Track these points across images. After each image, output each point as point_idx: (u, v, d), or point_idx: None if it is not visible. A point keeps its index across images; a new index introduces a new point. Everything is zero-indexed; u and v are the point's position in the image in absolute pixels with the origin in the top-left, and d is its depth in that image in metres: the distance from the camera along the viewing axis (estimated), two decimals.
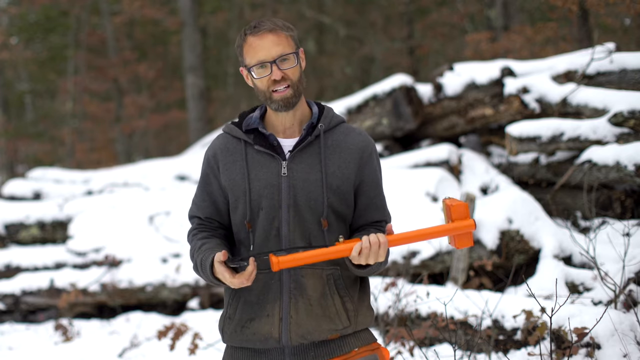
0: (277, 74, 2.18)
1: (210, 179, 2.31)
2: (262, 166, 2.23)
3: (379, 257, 2.09)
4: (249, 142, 2.27)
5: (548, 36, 10.93)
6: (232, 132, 2.30)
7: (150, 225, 7.74)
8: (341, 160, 2.24)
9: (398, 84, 7.19)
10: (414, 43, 16.37)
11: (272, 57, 2.18)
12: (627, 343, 3.59)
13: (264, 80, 2.20)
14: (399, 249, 5.54)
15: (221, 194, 2.29)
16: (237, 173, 2.25)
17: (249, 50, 2.21)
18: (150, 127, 18.29)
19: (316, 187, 2.20)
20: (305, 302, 2.19)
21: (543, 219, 5.39)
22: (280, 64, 2.19)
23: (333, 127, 2.29)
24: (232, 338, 2.27)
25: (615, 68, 5.99)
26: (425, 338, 4.56)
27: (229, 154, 2.28)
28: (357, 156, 2.26)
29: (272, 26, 2.20)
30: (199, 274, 2.24)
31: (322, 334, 2.20)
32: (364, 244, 2.08)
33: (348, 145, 2.26)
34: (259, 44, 2.18)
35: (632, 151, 5.14)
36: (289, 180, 2.21)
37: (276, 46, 2.18)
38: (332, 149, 2.25)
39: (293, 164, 2.22)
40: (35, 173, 9.88)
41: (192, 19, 14.50)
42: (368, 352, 2.27)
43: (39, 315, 7.62)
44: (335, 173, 2.22)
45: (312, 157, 2.23)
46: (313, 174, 2.21)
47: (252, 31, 2.21)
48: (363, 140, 2.29)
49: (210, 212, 2.31)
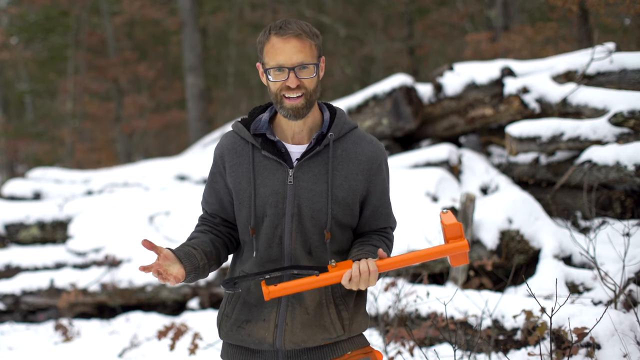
0: (294, 82, 2.12)
1: (217, 178, 2.30)
2: (269, 172, 2.21)
3: (370, 284, 2.08)
4: (256, 147, 2.23)
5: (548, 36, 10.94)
6: (241, 132, 2.26)
7: (150, 225, 7.74)
8: (349, 172, 2.20)
9: (398, 84, 7.19)
10: (414, 43, 16.37)
11: (292, 64, 2.11)
12: (627, 343, 3.59)
13: (278, 84, 2.15)
14: (399, 249, 5.54)
15: (227, 192, 2.28)
16: (243, 177, 2.23)
17: (270, 51, 2.14)
18: (150, 127, 18.30)
19: (321, 199, 2.17)
20: (302, 311, 2.19)
21: (543, 219, 5.39)
22: (299, 72, 2.13)
23: (344, 135, 2.24)
24: (228, 336, 2.28)
25: (615, 68, 5.99)
26: (425, 338, 4.56)
27: (236, 155, 2.25)
28: (367, 167, 2.22)
29: (298, 31, 2.12)
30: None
31: (315, 342, 2.21)
32: (353, 273, 2.07)
33: (357, 155, 2.22)
34: (282, 47, 2.11)
35: (632, 151, 5.14)
36: (294, 190, 2.18)
37: (298, 53, 2.11)
38: (341, 159, 2.21)
39: (300, 173, 2.19)
40: (35, 173, 9.88)
41: (192, 19, 14.50)
42: (361, 356, 2.27)
43: (39, 315, 7.62)
44: (342, 185, 2.19)
45: (319, 167, 2.20)
46: (319, 185, 2.18)
47: (277, 31, 2.13)
48: (373, 151, 2.24)
49: (215, 209, 2.31)
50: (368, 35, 17.57)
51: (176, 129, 19.90)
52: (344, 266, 2.12)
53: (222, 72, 19.06)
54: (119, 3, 17.61)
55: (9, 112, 20.22)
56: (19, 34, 18.67)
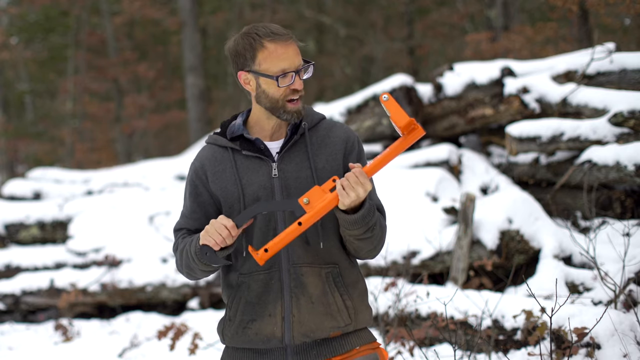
0: (300, 84, 2.19)
1: (200, 190, 2.29)
2: (253, 170, 2.24)
3: (365, 186, 2.06)
4: (236, 149, 2.26)
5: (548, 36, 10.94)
6: (217, 141, 2.29)
7: (150, 225, 7.74)
8: (328, 154, 2.26)
9: (398, 84, 7.19)
10: (414, 43, 16.36)
11: (296, 67, 2.18)
12: (627, 343, 3.59)
13: (283, 89, 2.19)
14: (399, 249, 5.55)
15: (213, 204, 2.28)
16: (228, 181, 2.24)
17: (269, 58, 2.17)
18: (150, 127, 18.29)
19: (308, 184, 2.21)
20: (306, 300, 2.19)
21: (543, 219, 5.39)
22: (301, 73, 2.21)
23: (315, 125, 2.31)
24: (233, 340, 2.27)
25: (615, 68, 5.99)
26: (425, 338, 4.56)
27: (217, 163, 2.27)
28: (342, 147, 2.28)
29: (289, 33, 2.20)
30: (183, 259, 2.23)
31: (324, 332, 2.21)
32: (342, 182, 2.07)
33: (332, 139, 2.28)
34: (284, 52, 2.17)
35: (632, 151, 5.14)
36: (280, 181, 2.22)
37: (297, 55, 2.19)
38: (318, 145, 2.27)
39: (283, 164, 2.23)
40: (35, 173, 9.88)
41: (192, 19, 14.50)
42: (369, 351, 2.28)
43: (39, 315, 7.62)
44: (325, 167, 2.24)
45: (300, 155, 2.25)
46: (303, 172, 2.23)
47: (272, 37, 2.17)
48: (345, 132, 2.31)
49: (200, 224, 2.29)
50: (368, 35, 17.56)
51: (176, 129, 19.90)
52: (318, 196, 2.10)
53: (222, 72, 19.06)
54: (119, 3, 17.60)
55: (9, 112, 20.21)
56: (19, 34, 18.67)
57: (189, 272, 2.26)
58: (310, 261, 2.20)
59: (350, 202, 2.08)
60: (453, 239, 5.40)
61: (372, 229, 2.16)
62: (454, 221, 5.71)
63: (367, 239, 2.18)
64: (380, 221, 2.22)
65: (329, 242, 2.23)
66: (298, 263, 2.20)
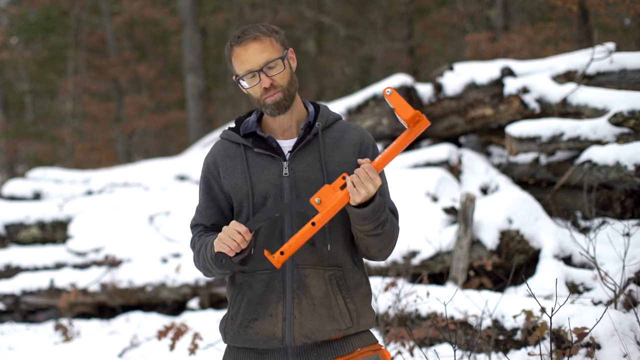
0: (266, 82, 2.19)
1: (212, 185, 2.30)
2: (264, 168, 2.24)
3: (375, 181, 2.06)
4: (248, 146, 2.27)
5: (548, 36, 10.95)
6: (230, 137, 2.31)
7: (150, 225, 7.74)
8: (340, 157, 2.25)
9: (398, 83, 7.19)
10: (414, 43, 16.36)
11: (259, 66, 2.18)
12: (627, 343, 3.59)
13: (255, 89, 2.21)
14: (399, 249, 5.55)
15: (224, 199, 2.29)
16: (238, 177, 2.25)
17: (236, 61, 2.21)
18: (150, 127, 18.29)
19: (318, 186, 2.19)
20: (308, 302, 2.19)
21: (543, 219, 5.39)
22: (268, 71, 2.19)
23: (330, 125, 2.30)
24: (234, 339, 2.27)
25: (615, 68, 5.99)
26: (425, 338, 4.56)
27: (229, 159, 2.28)
28: (356, 150, 2.27)
29: (255, 33, 2.19)
30: (200, 261, 2.23)
31: (325, 334, 2.20)
32: (352, 179, 2.07)
33: (346, 140, 2.27)
34: (244, 54, 2.19)
35: (632, 151, 5.14)
36: (290, 181, 2.21)
37: (261, 54, 2.18)
38: (331, 146, 2.26)
39: (294, 164, 2.23)
40: (35, 173, 9.88)
41: (192, 19, 14.50)
42: (371, 353, 2.27)
43: (39, 315, 7.62)
44: (336, 170, 2.23)
45: (312, 155, 2.24)
46: (314, 173, 2.22)
47: (236, 42, 2.21)
48: (360, 134, 2.30)
49: (216, 219, 2.31)
50: (368, 35, 17.56)
51: (176, 129, 19.89)
52: (329, 195, 2.10)
53: (222, 72, 19.05)
54: (119, 3, 17.61)
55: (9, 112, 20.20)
56: (19, 34, 18.67)
57: (207, 272, 2.27)
58: (315, 263, 2.20)
59: (361, 199, 2.09)
60: (453, 239, 5.40)
61: (382, 224, 2.15)
62: (454, 221, 5.72)
63: (378, 236, 2.17)
64: (392, 219, 2.22)
65: (335, 244, 2.22)
66: (302, 264, 2.19)
